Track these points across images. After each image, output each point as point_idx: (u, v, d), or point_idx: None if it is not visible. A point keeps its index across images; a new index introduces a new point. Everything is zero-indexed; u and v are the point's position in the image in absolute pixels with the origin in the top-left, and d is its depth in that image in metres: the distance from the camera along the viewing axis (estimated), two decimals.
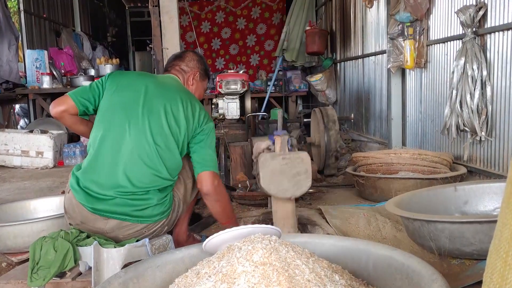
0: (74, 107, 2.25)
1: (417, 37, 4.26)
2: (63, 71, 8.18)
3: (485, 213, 2.56)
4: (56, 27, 9.56)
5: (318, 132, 4.67)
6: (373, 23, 5.70)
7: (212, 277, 1.42)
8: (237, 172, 4.01)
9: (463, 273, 2.05)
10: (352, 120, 6.71)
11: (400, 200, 2.58)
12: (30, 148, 5.90)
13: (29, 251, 2.03)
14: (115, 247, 2.02)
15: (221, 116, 4.42)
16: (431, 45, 4.18)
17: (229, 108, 4.22)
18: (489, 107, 3.29)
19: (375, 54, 5.66)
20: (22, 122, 8.51)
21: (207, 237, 1.78)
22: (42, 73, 7.41)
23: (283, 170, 2.49)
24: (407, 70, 4.66)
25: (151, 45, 5.59)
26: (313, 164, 4.47)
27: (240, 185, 3.75)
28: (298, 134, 6.75)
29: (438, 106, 4.08)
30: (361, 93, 6.30)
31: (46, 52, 7.70)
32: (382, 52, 5.33)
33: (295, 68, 9.24)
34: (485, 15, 3.31)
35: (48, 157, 5.89)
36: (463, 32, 3.49)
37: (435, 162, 3.68)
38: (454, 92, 3.51)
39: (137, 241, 2.10)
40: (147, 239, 2.10)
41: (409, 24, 4.27)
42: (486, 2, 3.31)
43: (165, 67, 2.60)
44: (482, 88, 3.32)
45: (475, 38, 3.37)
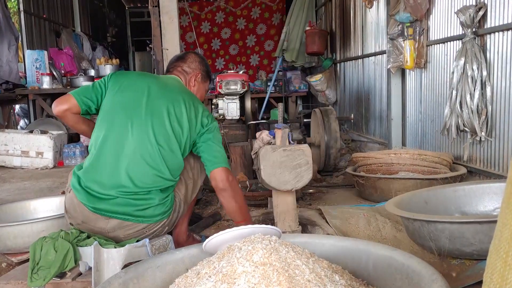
0: (76, 106, 2.26)
1: (417, 37, 4.26)
2: (63, 72, 8.18)
3: (485, 213, 2.56)
4: (56, 27, 9.56)
5: (318, 132, 4.67)
6: (373, 23, 5.70)
7: (212, 277, 1.42)
8: (237, 172, 4.02)
9: (463, 273, 2.05)
10: (352, 121, 6.71)
11: (400, 200, 2.58)
12: (30, 149, 5.90)
13: (29, 252, 2.03)
14: (115, 247, 2.02)
15: (221, 117, 4.42)
16: (431, 45, 4.18)
17: (229, 108, 4.22)
18: (489, 107, 3.29)
19: (375, 54, 5.66)
20: (22, 123, 8.51)
21: (206, 237, 1.78)
22: (42, 74, 7.41)
23: (284, 162, 2.47)
24: (407, 70, 4.67)
25: (151, 46, 5.60)
26: (313, 164, 4.47)
27: (240, 185, 3.75)
28: (298, 134, 6.75)
29: (438, 106, 4.08)
30: (361, 94, 6.30)
31: (46, 53, 7.70)
32: (382, 53, 5.33)
33: (295, 69, 9.24)
34: (485, 15, 3.32)
35: (48, 158, 5.89)
36: (463, 32, 3.49)
37: (435, 162, 3.68)
38: (454, 92, 3.51)
39: (137, 241, 2.10)
40: (147, 239, 2.10)
41: (409, 24, 4.27)
42: (486, 2, 3.31)
43: (166, 68, 2.60)
44: (482, 88, 3.33)
45: (475, 38, 3.37)
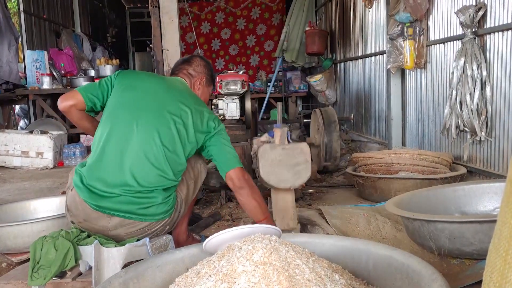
0: (82, 102, 2.27)
1: (417, 37, 4.27)
2: (63, 72, 8.19)
3: (485, 213, 2.56)
4: (56, 27, 9.56)
5: (318, 132, 4.67)
6: (373, 23, 5.70)
7: (212, 277, 1.42)
8: None
9: (463, 272, 2.05)
10: (352, 121, 6.71)
11: (400, 200, 2.58)
12: (30, 149, 5.90)
13: (29, 251, 2.03)
14: (115, 246, 2.02)
15: (221, 117, 4.42)
16: (431, 45, 4.18)
17: (229, 108, 4.21)
18: (489, 107, 3.29)
19: (375, 54, 5.67)
20: (22, 123, 8.52)
21: (206, 237, 1.78)
22: (42, 74, 7.41)
23: (282, 161, 2.47)
24: (407, 70, 4.67)
25: (151, 46, 5.60)
26: (313, 164, 4.47)
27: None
28: (298, 134, 6.76)
29: (438, 106, 4.08)
30: (361, 94, 6.30)
31: (46, 53, 7.70)
32: (382, 53, 5.34)
33: (295, 69, 9.24)
34: (484, 15, 3.32)
35: (48, 158, 5.89)
36: (463, 33, 3.49)
37: (435, 162, 3.68)
38: (454, 92, 3.51)
39: (138, 240, 2.10)
40: (147, 239, 2.10)
41: (408, 24, 4.27)
42: (485, 2, 3.31)
43: (172, 70, 2.61)
44: (482, 88, 3.33)
45: (474, 39, 3.37)
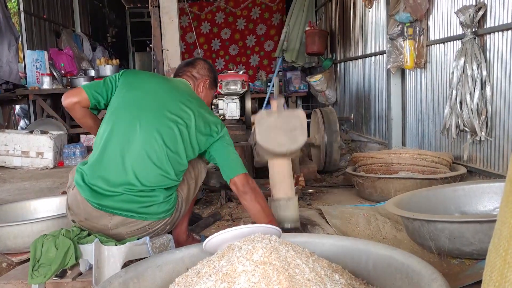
0: (86, 100, 2.28)
1: (417, 37, 4.27)
2: (63, 72, 8.19)
3: (485, 213, 2.56)
4: (56, 27, 9.56)
5: (318, 132, 4.67)
6: (373, 23, 5.70)
7: (212, 277, 1.42)
8: None
9: (462, 272, 2.05)
10: (352, 121, 6.71)
11: (400, 200, 2.58)
12: (30, 149, 5.91)
13: (29, 251, 2.03)
14: (116, 244, 2.02)
15: (221, 117, 4.42)
16: (431, 45, 4.18)
17: (229, 108, 4.21)
18: (489, 107, 3.29)
19: (375, 54, 5.67)
20: (22, 123, 8.52)
21: (206, 237, 1.78)
22: (42, 74, 7.41)
23: (279, 126, 2.51)
24: (407, 70, 4.67)
25: (151, 46, 5.60)
26: (313, 164, 4.48)
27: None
28: None
29: (438, 106, 4.08)
30: (361, 94, 6.30)
31: (46, 53, 7.70)
32: (382, 53, 5.34)
33: (295, 69, 9.24)
34: (484, 15, 3.32)
35: (48, 158, 5.89)
36: (463, 32, 3.49)
37: (435, 162, 3.68)
38: (454, 92, 3.51)
39: (138, 239, 2.11)
40: (147, 237, 2.10)
41: (408, 24, 4.28)
42: (485, 2, 3.31)
43: (175, 72, 2.62)
44: (482, 88, 3.33)
45: (474, 38, 3.37)
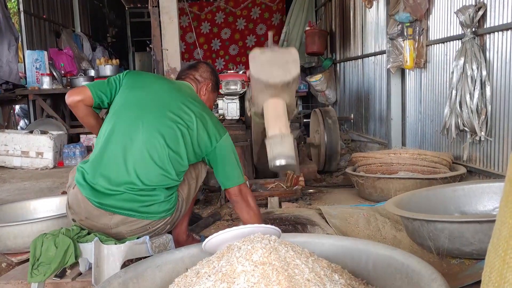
0: (90, 98, 2.28)
1: (417, 37, 4.27)
2: (63, 72, 8.18)
3: (484, 213, 2.56)
4: (56, 27, 9.55)
5: (318, 132, 4.67)
6: (373, 23, 5.70)
7: (211, 277, 1.42)
8: None
9: (462, 272, 2.05)
10: (352, 121, 6.71)
11: (399, 200, 2.58)
12: (30, 149, 5.90)
13: (29, 251, 2.03)
14: (115, 243, 2.02)
15: (221, 117, 4.42)
16: (431, 45, 4.18)
17: (229, 108, 4.22)
18: (489, 107, 3.29)
19: (374, 54, 5.67)
20: (22, 123, 8.52)
21: (206, 237, 1.78)
22: (42, 74, 7.41)
23: (272, 60, 2.50)
24: (407, 70, 4.67)
25: (151, 46, 5.60)
26: (313, 164, 4.48)
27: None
28: (298, 134, 6.74)
29: (438, 106, 4.08)
30: (361, 94, 6.30)
31: (46, 53, 7.70)
32: (381, 53, 5.34)
33: None
34: (484, 15, 3.32)
35: (48, 158, 5.89)
36: (463, 32, 3.49)
37: (434, 162, 3.68)
38: (454, 92, 3.51)
39: (138, 238, 2.11)
40: (147, 236, 2.10)
41: (408, 24, 4.28)
42: (485, 2, 3.31)
43: (178, 75, 2.62)
44: (481, 88, 3.33)
45: (474, 38, 3.37)
